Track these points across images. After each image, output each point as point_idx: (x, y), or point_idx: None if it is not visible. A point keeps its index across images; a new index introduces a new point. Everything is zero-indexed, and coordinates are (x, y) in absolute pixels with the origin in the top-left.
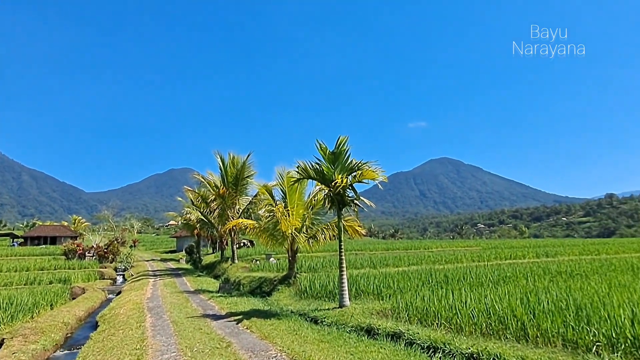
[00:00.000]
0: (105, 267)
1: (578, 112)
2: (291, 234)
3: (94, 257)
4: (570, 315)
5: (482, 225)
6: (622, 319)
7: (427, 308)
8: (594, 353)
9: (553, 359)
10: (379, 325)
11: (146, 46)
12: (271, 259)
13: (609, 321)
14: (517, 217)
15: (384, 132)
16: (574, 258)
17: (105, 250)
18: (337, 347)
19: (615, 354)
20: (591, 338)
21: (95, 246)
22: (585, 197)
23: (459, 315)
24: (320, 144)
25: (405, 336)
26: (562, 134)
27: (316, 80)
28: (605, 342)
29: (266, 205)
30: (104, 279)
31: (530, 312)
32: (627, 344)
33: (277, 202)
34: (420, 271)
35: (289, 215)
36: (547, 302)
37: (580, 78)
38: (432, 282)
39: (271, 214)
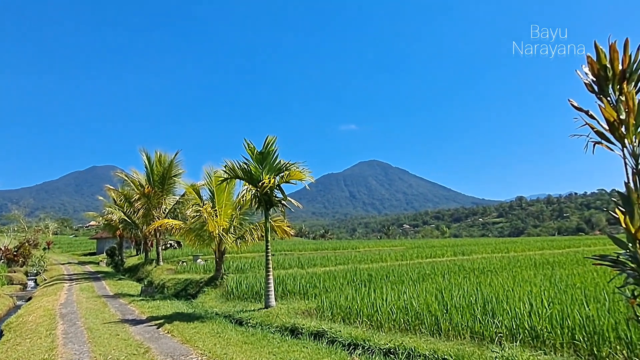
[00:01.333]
0: (15, 272)
1: (494, 120)
2: (218, 234)
3: (2, 261)
4: (478, 309)
5: (408, 226)
6: (522, 311)
7: (350, 306)
8: (497, 343)
9: (461, 350)
10: (303, 325)
11: (67, 36)
12: (198, 260)
13: (510, 313)
14: (439, 218)
15: (315, 134)
16: (486, 256)
17: (14, 253)
18: (260, 348)
19: (514, 343)
20: (495, 329)
21: (3, 249)
22: (500, 200)
23: (380, 312)
24: (248, 144)
25: (327, 335)
26: (481, 140)
27: (247, 80)
28: (507, 333)
29: (193, 205)
30: (12, 284)
31: (444, 308)
32: (525, 334)
33: (205, 202)
34: (346, 271)
35: (216, 216)
36: (459, 297)
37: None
38: (356, 281)
39: (198, 214)
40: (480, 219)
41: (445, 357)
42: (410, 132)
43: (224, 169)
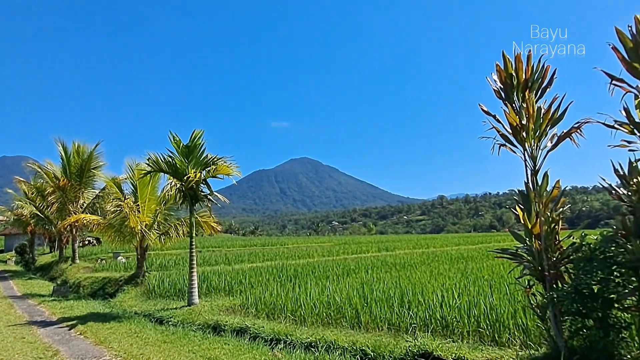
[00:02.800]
0: None
1: (419, 122)
2: (141, 230)
3: None
4: (396, 302)
5: (337, 223)
6: (434, 303)
7: (274, 302)
8: (411, 333)
9: (378, 341)
10: (226, 322)
11: None
12: (119, 258)
13: (424, 305)
14: (367, 215)
15: (247, 130)
16: (408, 251)
17: None
18: (180, 346)
19: (427, 333)
20: (409, 321)
21: None
22: (423, 198)
23: (303, 307)
24: (173, 136)
25: (250, 330)
26: (408, 141)
27: (177, 73)
28: (420, 323)
29: (114, 199)
30: None
31: (365, 301)
32: (436, 324)
33: (127, 197)
34: (273, 267)
35: (139, 211)
36: (380, 291)
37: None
38: (282, 277)
39: (119, 209)
40: (405, 217)
41: (363, 348)
42: (341, 131)
43: (147, 162)
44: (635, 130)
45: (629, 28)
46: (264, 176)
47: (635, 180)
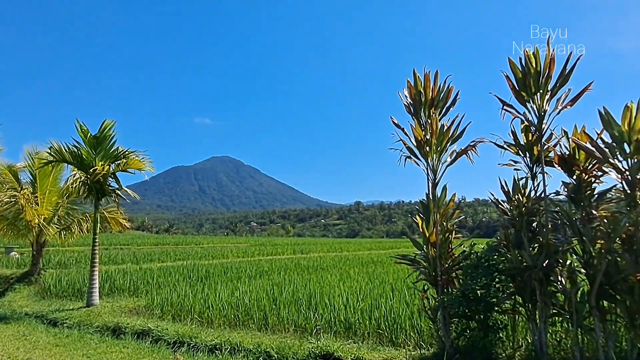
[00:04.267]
0: None
1: (341, 129)
2: (38, 224)
3: None
4: (304, 304)
5: (255, 224)
6: (340, 305)
7: (181, 303)
8: (315, 335)
9: (283, 342)
10: (128, 324)
11: None
12: (12, 253)
13: (329, 307)
14: (286, 217)
15: (169, 125)
16: (322, 255)
17: None
18: (73, 350)
19: (330, 334)
20: (315, 322)
21: None
22: (341, 203)
23: (212, 308)
24: (81, 125)
25: (153, 333)
26: (328, 146)
27: (94, 59)
28: (325, 325)
29: (8, 189)
30: None
31: (273, 303)
32: (339, 326)
33: (25, 187)
34: (184, 267)
35: (37, 203)
36: (289, 293)
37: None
38: (193, 277)
39: (14, 199)
40: (323, 220)
41: (268, 350)
42: (264, 132)
43: (50, 151)
44: (520, 152)
45: (520, 60)
46: (182, 172)
47: (516, 196)
